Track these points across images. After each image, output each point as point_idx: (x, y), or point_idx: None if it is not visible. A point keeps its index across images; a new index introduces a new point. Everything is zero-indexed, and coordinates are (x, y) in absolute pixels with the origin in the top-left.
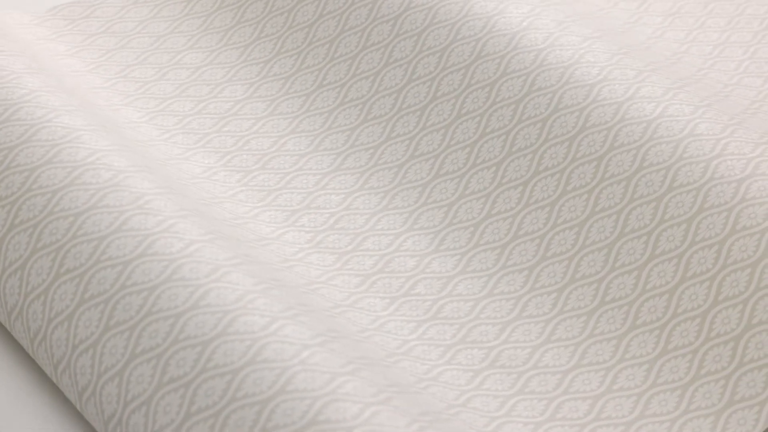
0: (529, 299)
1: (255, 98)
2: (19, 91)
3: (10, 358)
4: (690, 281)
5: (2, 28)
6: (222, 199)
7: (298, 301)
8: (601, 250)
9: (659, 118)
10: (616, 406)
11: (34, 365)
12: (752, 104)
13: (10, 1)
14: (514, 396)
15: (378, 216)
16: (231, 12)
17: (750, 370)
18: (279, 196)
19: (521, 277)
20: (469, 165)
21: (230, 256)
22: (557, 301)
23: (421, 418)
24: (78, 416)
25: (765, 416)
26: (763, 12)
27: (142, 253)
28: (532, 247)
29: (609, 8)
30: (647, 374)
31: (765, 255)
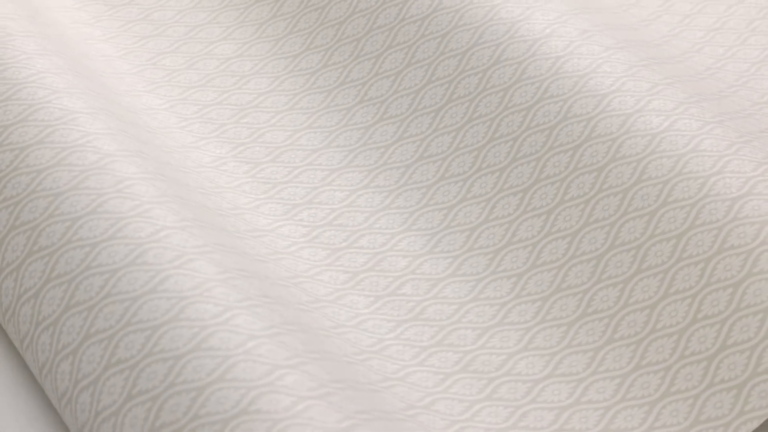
0: (513, 306)
1: (278, 92)
2: (26, 72)
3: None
4: (672, 297)
5: (39, 9)
6: (224, 189)
7: (263, 293)
8: (590, 261)
9: (665, 132)
10: (582, 418)
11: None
12: None
13: None
14: (481, 402)
15: (378, 215)
16: (268, 5)
17: (719, 390)
18: (283, 189)
19: (509, 283)
20: (475, 169)
21: (199, 244)
22: (540, 310)
23: (356, 416)
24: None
25: None
26: None
27: (111, 236)
28: (523, 255)
29: (651, 21)
30: (618, 388)
31: (748, 276)
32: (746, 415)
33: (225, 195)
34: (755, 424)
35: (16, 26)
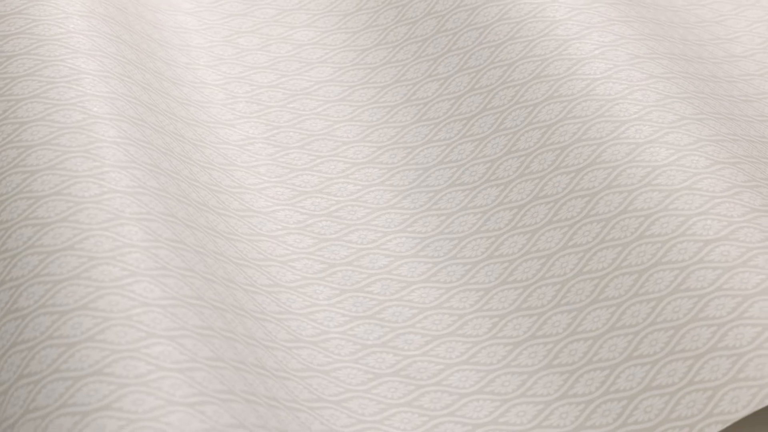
0: (471, 319)
1: (335, 83)
2: (55, 30)
3: None
4: (617, 332)
5: None
6: (238, 167)
7: (187, 265)
8: (555, 285)
9: (666, 166)
10: None
11: None
12: None
13: None
14: (400, 407)
15: (379, 212)
16: None
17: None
18: (299, 176)
19: (476, 296)
20: (483, 180)
21: (141, 211)
22: (494, 326)
23: (215, 394)
24: None
25: None
26: None
27: (57, 192)
28: (498, 270)
29: (729, 39)
30: (537, 415)
31: (692, 320)
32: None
33: (234, 173)
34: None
35: None
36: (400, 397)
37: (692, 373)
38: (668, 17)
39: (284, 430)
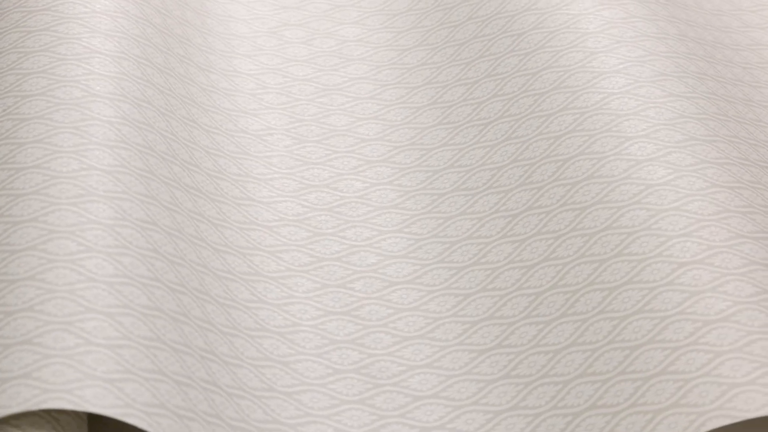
0: (444, 323)
1: (369, 80)
2: (79, 9)
3: None
4: (576, 347)
5: None
6: (248, 156)
7: (152, 246)
8: (530, 296)
9: (661, 185)
10: None
11: None
12: None
13: None
14: (349, 403)
15: (381, 211)
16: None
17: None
18: (309, 169)
19: (454, 300)
20: (486, 186)
21: (116, 190)
22: (464, 333)
23: (140, 372)
24: None
25: None
26: None
27: (37, 165)
28: (480, 276)
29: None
30: (484, 424)
31: (649, 342)
32: None
33: (244, 162)
34: None
35: None
36: (355, 394)
37: (638, 394)
38: (716, 37)
39: (216, 415)
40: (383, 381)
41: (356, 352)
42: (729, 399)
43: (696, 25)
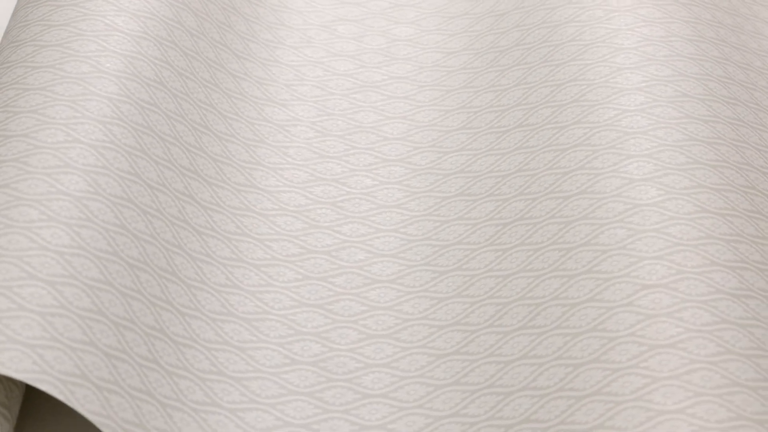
0: (412, 325)
1: (407, 80)
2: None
3: None
4: (526, 360)
5: None
6: (264, 144)
7: (120, 222)
8: (498, 305)
9: (648, 206)
10: None
11: None
12: None
13: None
14: (296, 394)
15: (382, 209)
16: (469, 2)
17: None
18: (323, 163)
19: (428, 303)
20: (488, 194)
21: (96, 164)
22: (429, 336)
23: (73, 344)
24: None
25: None
26: None
27: (25, 134)
28: (458, 282)
29: None
30: (423, 428)
31: (593, 361)
32: None
33: (257, 150)
34: None
35: None
36: (306, 386)
37: (568, 412)
38: (766, 63)
39: (147, 391)
40: (337, 376)
41: (319, 345)
42: (653, 426)
43: (746, 50)
